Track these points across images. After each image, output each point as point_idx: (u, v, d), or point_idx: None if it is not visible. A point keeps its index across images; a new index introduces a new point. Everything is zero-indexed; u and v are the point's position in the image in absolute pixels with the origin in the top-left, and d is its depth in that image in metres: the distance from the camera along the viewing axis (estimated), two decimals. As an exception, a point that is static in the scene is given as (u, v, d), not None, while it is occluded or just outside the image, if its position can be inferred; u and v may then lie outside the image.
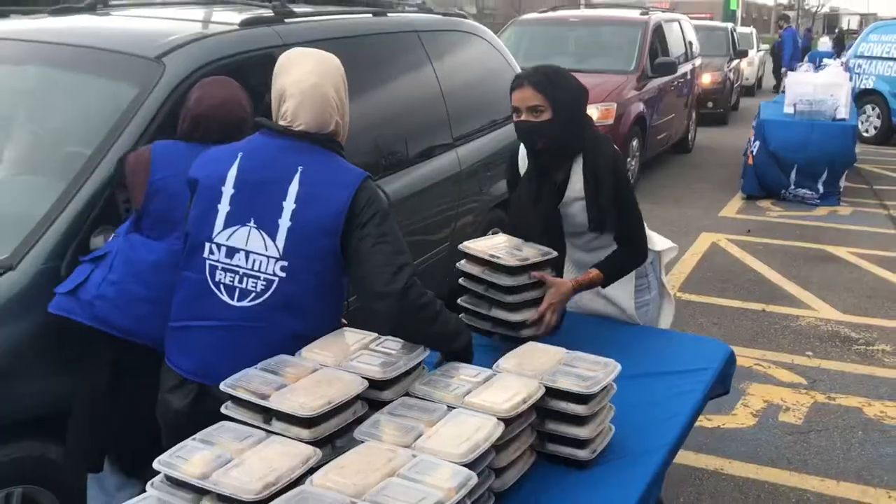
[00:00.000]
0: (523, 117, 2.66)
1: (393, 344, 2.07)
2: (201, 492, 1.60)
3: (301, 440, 1.73)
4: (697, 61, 11.76)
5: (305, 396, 1.78)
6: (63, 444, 2.49)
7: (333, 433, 1.80)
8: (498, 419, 1.83)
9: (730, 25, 17.46)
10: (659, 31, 9.71)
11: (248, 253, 2.02)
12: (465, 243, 2.64)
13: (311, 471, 1.64)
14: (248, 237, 2.03)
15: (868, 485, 3.47)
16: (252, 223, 2.03)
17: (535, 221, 2.70)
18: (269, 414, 1.80)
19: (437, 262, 4.27)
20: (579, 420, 2.02)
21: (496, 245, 2.65)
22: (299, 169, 2.04)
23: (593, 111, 7.95)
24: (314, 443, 1.74)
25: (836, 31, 31.39)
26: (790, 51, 16.81)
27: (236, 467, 1.60)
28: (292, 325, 2.03)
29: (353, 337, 2.12)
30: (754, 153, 8.43)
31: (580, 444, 2.04)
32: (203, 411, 1.99)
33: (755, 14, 58.31)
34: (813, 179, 8.29)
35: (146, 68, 2.89)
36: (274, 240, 2.01)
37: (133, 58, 2.98)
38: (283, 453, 1.66)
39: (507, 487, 1.91)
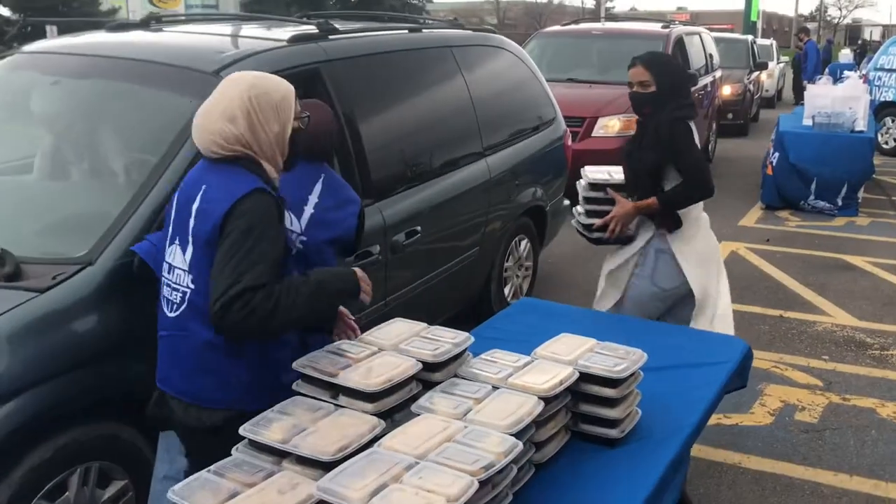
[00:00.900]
0: (634, 89, 3.36)
1: (441, 332, 2.30)
2: (282, 455, 1.84)
3: (365, 413, 1.97)
4: (718, 73, 11.92)
5: (368, 375, 2.01)
6: (133, 426, 2.73)
7: (392, 408, 2.03)
8: (538, 398, 2.05)
9: (750, 37, 17.59)
10: (680, 43, 9.89)
11: (172, 268, 2.20)
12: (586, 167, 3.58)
13: (375, 439, 1.87)
14: (174, 253, 2.20)
15: (880, 479, 3.64)
16: (177, 240, 2.20)
17: (626, 172, 3.50)
18: (336, 390, 2.03)
19: (466, 267, 4.47)
20: (610, 402, 2.24)
21: (600, 168, 3.65)
22: (203, 187, 2.15)
23: (615, 122, 8.17)
24: (376, 416, 1.97)
25: (860, 42, 31.35)
26: (814, 63, 16.85)
27: (312, 434, 1.84)
28: (203, 334, 2.13)
29: (405, 325, 2.35)
30: (774, 164, 8.59)
31: (610, 424, 2.26)
32: (162, 416, 2.30)
33: (776, 25, 58.25)
34: (832, 192, 8.43)
35: (204, 82, 3.03)
36: (184, 254, 2.16)
37: (192, 72, 3.20)
38: (352, 423, 1.89)
39: (545, 460, 2.13)
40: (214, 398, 2.16)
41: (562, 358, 2.28)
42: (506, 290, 5.12)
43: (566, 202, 5.90)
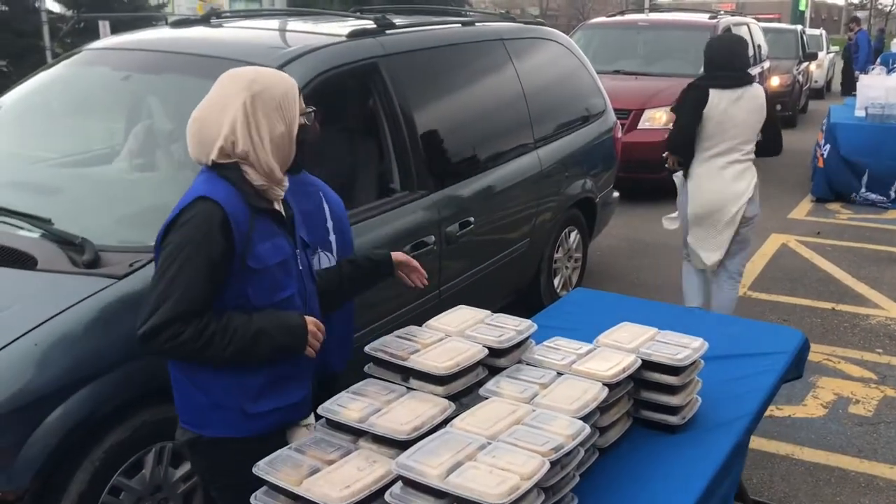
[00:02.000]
0: None
1: (505, 319, 2.37)
2: (357, 434, 1.92)
3: (435, 395, 2.04)
4: (766, 64, 11.77)
5: (438, 359, 2.08)
6: None
7: (460, 391, 2.10)
8: (602, 384, 2.11)
9: (799, 27, 17.29)
10: (729, 34, 9.78)
11: None
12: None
13: (446, 421, 1.94)
14: None
15: (937, 473, 3.63)
16: None
17: None
18: (406, 373, 2.10)
19: (516, 258, 4.53)
20: (671, 389, 2.29)
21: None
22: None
23: (661, 114, 8.13)
24: (446, 399, 2.04)
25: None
26: (866, 53, 16.48)
27: (386, 414, 1.92)
28: None
29: (470, 312, 2.42)
30: (825, 156, 8.48)
31: (671, 410, 2.30)
32: None
33: (824, 15, 57.01)
34: (884, 184, 8.30)
35: None
36: None
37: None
38: (424, 404, 1.97)
39: (609, 445, 2.18)
40: (181, 415, 2.09)
41: (624, 346, 2.33)
42: (555, 282, 5.15)
43: (616, 194, 5.90)
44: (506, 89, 4.60)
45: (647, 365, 2.29)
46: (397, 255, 2.42)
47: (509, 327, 2.31)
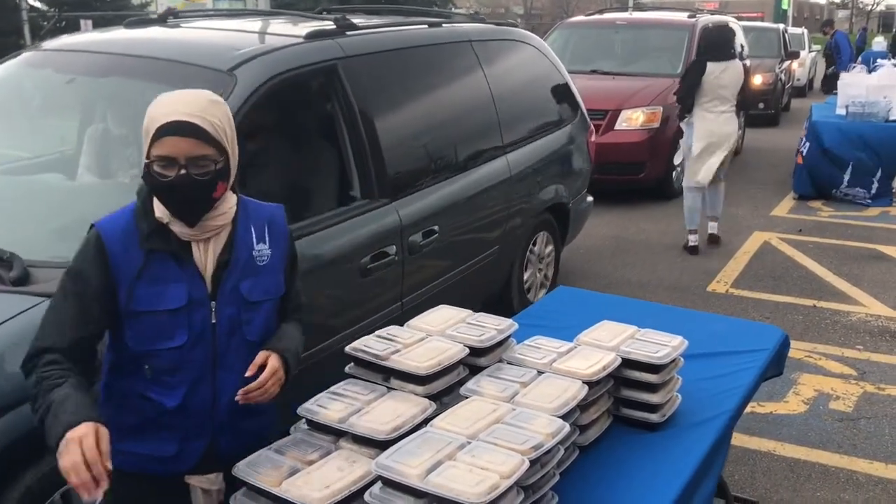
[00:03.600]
0: None
1: (486, 318, 2.37)
2: (338, 434, 1.92)
3: (415, 395, 2.04)
4: (747, 62, 11.82)
5: (419, 359, 2.08)
6: None
7: (441, 391, 2.10)
8: (582, 383, 2.11)
9: (781, 26, 17.39)
10: (707, 33, 9.82)
11: None
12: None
13: (427, 420, 1.95)
14: None
15: (916, 468, 3.66)
16: None
17: None
18: (387, 373, 2.10)
19: (485, 266, 4.34)
20: (651, 387, 2.30)
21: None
22: None
23: (639, 115, 8.15)
24: (426, 398, 2.04)
25: (894, 29, 30.75)
26: (848, 54, 16.57)
27: (367, 414, 1.92)
28: None
29: (451, 311, 2.42)
30: (804, 154, 8.55)
31: (652, 408, 2.31)
32: None
33: (807, 13, 57.45)
34: (866, 178, 8.37)
35: (219, 80, 2.96)
36: None
37: (207, 70, 3.09)
38: (404, 404, 1.97)
39: (589, 443, 2.19)
40: None
41: (604, 344, 2.34)
42: (526, 288, 5.02)
43: (589, 198, 5.80)
44: (473, 93, 4.45)
45: (627, 363, 2.30)
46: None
47: (490, 326, 2.31)
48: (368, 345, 2.17)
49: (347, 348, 2.17)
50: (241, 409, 1.88)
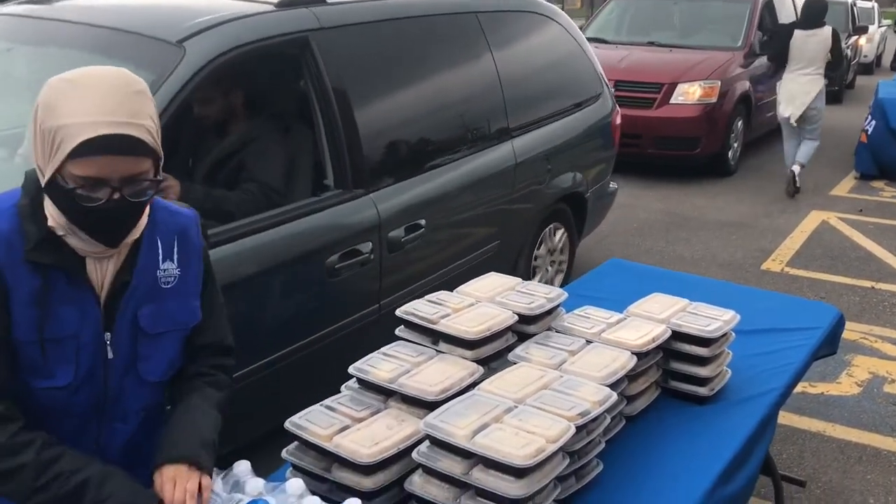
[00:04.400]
0: None
1: (536, 287, 2.38)
2: (387, 393, 1.95)
3: (464, 359, 2.06)
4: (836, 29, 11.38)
5: (468, 324, 2.10)
6: None
7: (489, 356, 2.12)
8: (631, 353, 2.11)
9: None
10: (769, 5, 9.52)
11: None
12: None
13: (474, 384, 1.97)
14: None
15: (971, 455, 3.58)
16: None
17: None
18: (436, 336, 2.13)
19: (484, 262, 3.83)
20: (701, 360, 2.29)
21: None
22: None
23: (695, 89, 7.98)
24: (474, 362, 2.06)
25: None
26: None
27: (416, 375, 1.95)
28: None
29: (500, 279, 2.43)
30: (869, 132, 8.29)
31: (701, 382, 2.30)
32: None
33: (877, -13, 55.14)
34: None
35: (165, 53, 2.68)
36: None
37: (153, 41, 2.78)
38: (453, 367, 1.99)
39: (636, 413, 2.19)
40: None
41: (655, 316, 2.34)
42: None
43: (614, 186, 5.32)
44: (475, 71, 3.99)
45: (678, 336, 2.29)
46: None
47: (540, 295, 2.32)
48: (418, 308, 2.19)
49: (398, 311, 2.20)
50: (128, 462, 1.56)
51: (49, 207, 1.43)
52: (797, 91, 7.32)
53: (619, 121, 5.22)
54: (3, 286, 1.41)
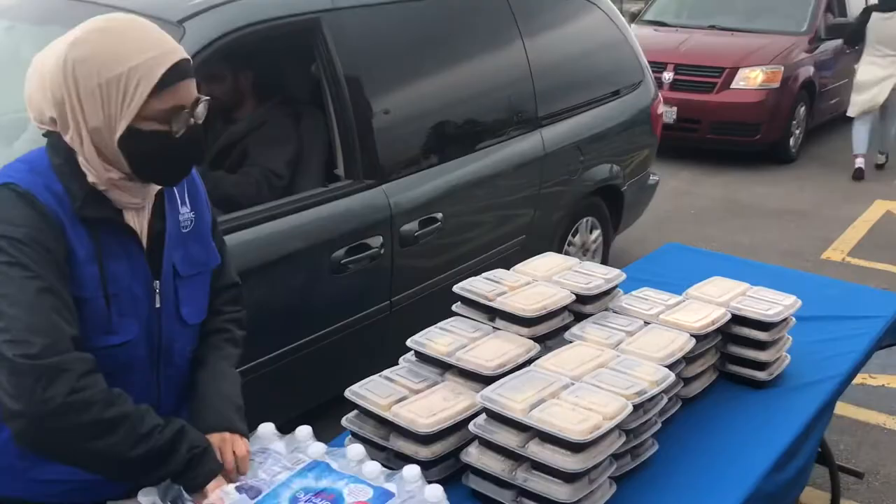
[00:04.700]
0: None
1: (594, 267, 2.38)
2: (444, 367, 1.98)
3: (520, 336, 2.08)
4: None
5: (524, 302, 2.12)
6: None
7: (545, 334, 2.13)
8: (689, 335, 2.10)
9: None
10: (839, -10, 9.25)
11: None
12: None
13: (530, 361, 1.98)
14: None
15: None
16: None
17: None
18: (493, 313, 2.15)
19: (508, 257, 3.58)
20: (760, 345, 2.26)
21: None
22: None
23: (758, 74, 7.79)
24: (530, 340, 2.08)
25: None
26: None
27: (473, 350, 1.98)
28: None
29: (558, 259, 2.44)
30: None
31: (759, 366, 2.28)
32: None
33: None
34: None
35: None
36: None
37: (153, 20, 2.57)
38: (509, 343, 2.01)
39: (693, 396, 2.18)
40: None
41: (714, 299, 2.32)
42: None
43: (654, 177, 5.04)
44: (503, 56, 3.79)
45: (737, 319, 2.27)
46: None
47: (598, 275, 2.32)
48: (475, 285, 2.21)
49: (455, 287, 2.22)
50: (179, 406, 1.63)
51: (89, 163, 1.41)
52: (878, 75, 7.18)
53: (661, 109, 5.00)
54: (66, 243, 1.39)
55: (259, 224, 2.71)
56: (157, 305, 1.53)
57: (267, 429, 1.68)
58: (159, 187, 1.52)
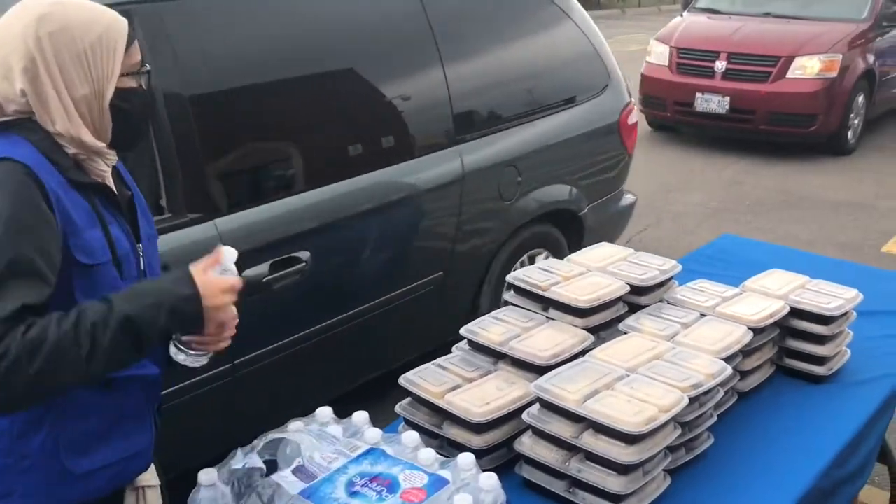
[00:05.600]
0: None
1: (649, 258, 2.35)
2: (497, 356, 1.98)
3: (573, 326, 2.07)
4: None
5: (578, 292, 2.10)
6: None
7: (599, 325, 2.12)
8: (747, 328, 2.07)
9: None
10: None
11: None
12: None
13: (584, 351, 1.97)
14: None
15: None
16: None
17: None
18: (546, 303, 2.14)
19: (417, 299, 3.21)
20: (820, 339, 2.22)
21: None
22: None
23: (814, 63, 7.60)
24: (584, 330, 2.06)
25: None
26: None
27: (526, 339, 1.97)
28: None
29: (612, 249, 2.42)
30: None
31: (818, 361, 2.23)
32: None
33: None
34: None
35: None
36: None
37: None
38: (563, 334, 2.00)
39: (749, 390, 2.15)
40: None
41: (772, 292, 2.28)
42: None
43: (629, 198, 4.31)
44: (405, 59, 3.21)
45: (796, 313, 2.22)
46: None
47: (653, 266, 2.29)
48: (529, 275, 2.20)
49: (509, 277, 2.22)
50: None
51: (71, 134, 1.41)
52: None
53: (634, 119, 4.19)
54: (66, 212, 1.36)
55: None
56: (142, 268, 1.54)
57: (325, 412, 1.70)
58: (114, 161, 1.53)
